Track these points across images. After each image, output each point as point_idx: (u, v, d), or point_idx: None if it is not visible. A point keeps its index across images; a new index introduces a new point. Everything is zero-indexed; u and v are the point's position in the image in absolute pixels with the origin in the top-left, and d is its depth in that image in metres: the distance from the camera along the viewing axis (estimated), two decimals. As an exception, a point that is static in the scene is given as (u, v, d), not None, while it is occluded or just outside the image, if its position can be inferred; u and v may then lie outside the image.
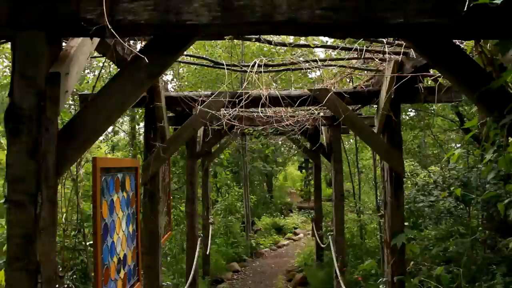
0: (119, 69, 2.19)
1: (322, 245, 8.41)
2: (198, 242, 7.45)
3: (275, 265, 12.59)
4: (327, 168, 18.39)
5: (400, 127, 4.68)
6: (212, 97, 4.34)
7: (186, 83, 13.26)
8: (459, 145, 11.59)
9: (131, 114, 11.03)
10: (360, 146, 13.65)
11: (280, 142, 21.84)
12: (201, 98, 4.46)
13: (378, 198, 10.77)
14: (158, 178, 4.65)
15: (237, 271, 11.83)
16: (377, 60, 4.25)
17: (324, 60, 4.20)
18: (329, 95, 4.48)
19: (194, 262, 7.09)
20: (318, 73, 8.68)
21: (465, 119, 9.64)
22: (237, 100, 4.35)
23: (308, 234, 16.82)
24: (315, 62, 4.11)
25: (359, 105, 5.35)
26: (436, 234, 7.90)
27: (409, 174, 12.80)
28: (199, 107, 4.31)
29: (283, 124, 4.90)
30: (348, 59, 4.31)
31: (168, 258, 9.93)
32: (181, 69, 14.90)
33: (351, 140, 15.03)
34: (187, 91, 4.81)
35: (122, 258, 3.39)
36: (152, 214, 4.60)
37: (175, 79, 13.43)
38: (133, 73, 2.09)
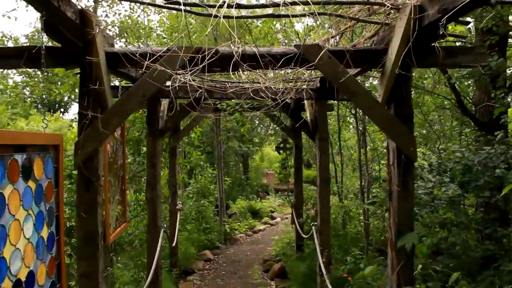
0: None
1: (304, 236, 7.45)
2: (161, 233, 6.39)
3: (250, 253, 11.67)
4: (305, 149, 17.44)
5: (410, 97, 3.67)
6: (161, 52, 3.23)
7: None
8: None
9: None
10: (342, 125, 12.72)
11: (256, 122, 20.81)
12: (150, 51, 3.33)
13: (363, 182, 9.90)
14: (97, 160, 3.54)
15: (209, 260, 10.87)
16: (388, 5, 3.19)
17: (319, 3, 3.12)
18: (322, 53, 3.42)
19: (156, 256, 6.03)
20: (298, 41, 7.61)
21: (462, 97, 8.72)
22: (200, 56, 3.25)
23: (286, 218, 15.96)
24: (307, 5, 3.02)
25: (359, 69, 4.29)
26: (428, 223, 7.04)
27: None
28: (147, 62, 3.20)
29: (260, 87, 3.81)
30: (351, 3, 3.24)
31: (137, 246, 8.87)
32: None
33: (329, 121, 14.05)
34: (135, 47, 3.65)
35: (25, 279, 2.31)
36: (89, 207, 3.50)
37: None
38: None
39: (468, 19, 6.64)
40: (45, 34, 3.12)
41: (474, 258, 6.38)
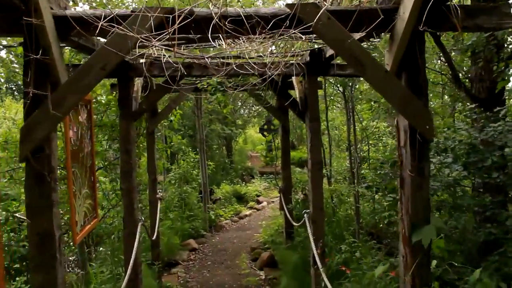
0: None
1: (295, 224, 6.91)
2: (139, 226, 5.78)
3: (237, 240, 11.14)
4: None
5: (425, 66, 3.10)
6: (119, 12, 2.58)
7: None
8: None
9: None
10: (329, 104, 12.18)
11: (239, 103, 20.13)
12: (108, 13, 2.67)
13: (353, 164, 9.40)
14: (50, 149, 2.90)
15: (194, 249, 10.31)
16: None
17: None
18: (320, 13, 2.82)
19: (134, 252, 5.44)
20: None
21: (459, 72, 8.20)
22: (171, 17, 2.62)
23: (272, 201, 15.50)
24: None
25: (362, 34, 3.66)
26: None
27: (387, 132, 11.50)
28: (101, 22, 2.54)
29: (245, 62, 3.19)
30: None
31: (115, 239, 8.25)
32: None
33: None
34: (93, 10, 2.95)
35: None
36: (42, 207, 2.88)
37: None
38: None
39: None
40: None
41: (474, 243, 5.96)
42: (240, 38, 3.31)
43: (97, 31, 2.65)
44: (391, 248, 7.86)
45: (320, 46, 5.57)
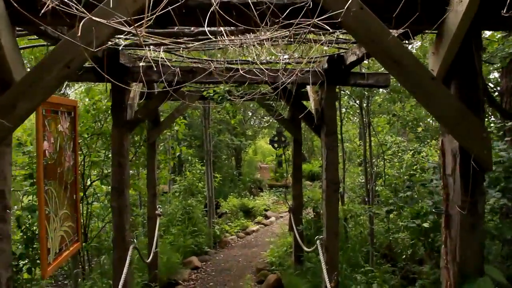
0: None
1: (306, 249, 6.20)
2: (130, 250, 5.13)
3: (242, 259, 10.42)
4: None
5: (481, 72, 2.43)
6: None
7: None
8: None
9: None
10: (344, 116, 11.48)
11: (249, 113, 19.51)
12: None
13: (368, 181, 8.70)
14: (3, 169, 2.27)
15: (197, 268, 9.60)
16: None
17: None
18: (350, 1, 2.17)
19: (122, 278, 4.78)
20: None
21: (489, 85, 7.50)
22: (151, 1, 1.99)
23: (281, 217, 14.80)
24: None
25: (404, 28, 2.95)
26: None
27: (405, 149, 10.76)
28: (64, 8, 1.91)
29: (256, 67, 2.55)
30: None
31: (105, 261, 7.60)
32: None
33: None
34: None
35: None
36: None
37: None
38: None
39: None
40: None
41: (508, 276, 5.24)
42: (247, 35, 2.69)
43: (57, 18, 2.00)
44: (406, 271, 7.23)
45: (339, 52, 4.95)
